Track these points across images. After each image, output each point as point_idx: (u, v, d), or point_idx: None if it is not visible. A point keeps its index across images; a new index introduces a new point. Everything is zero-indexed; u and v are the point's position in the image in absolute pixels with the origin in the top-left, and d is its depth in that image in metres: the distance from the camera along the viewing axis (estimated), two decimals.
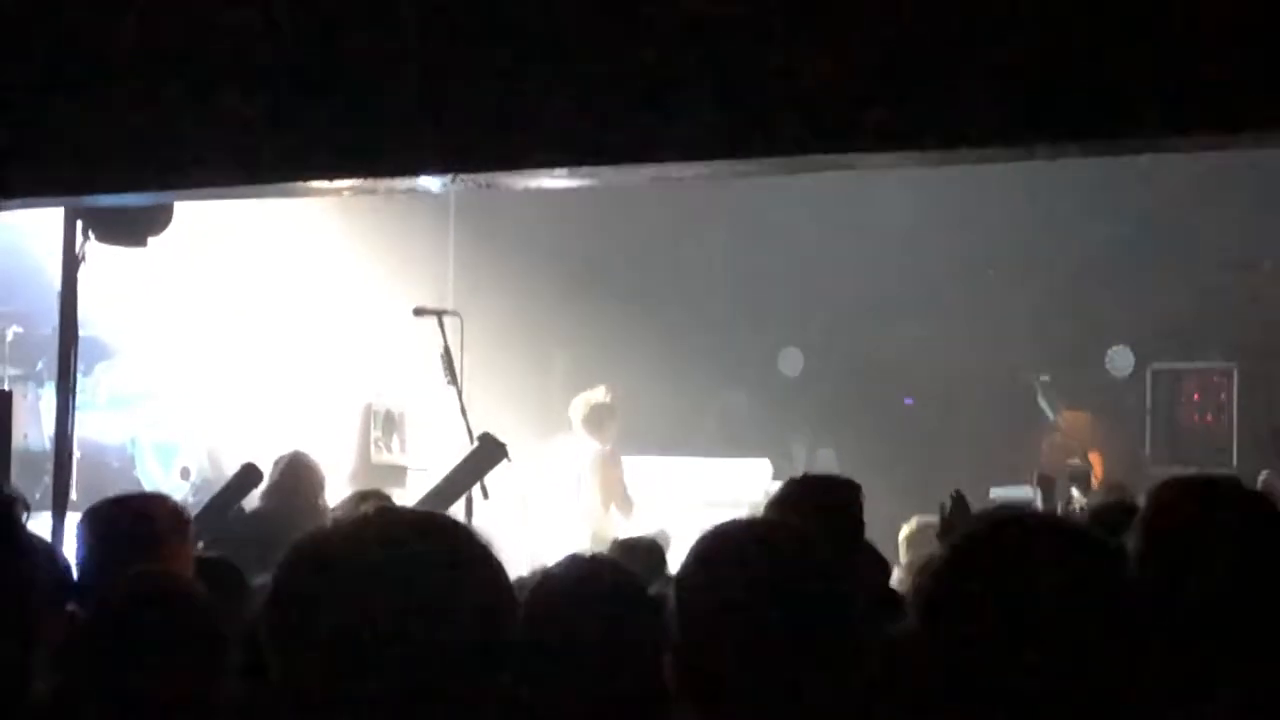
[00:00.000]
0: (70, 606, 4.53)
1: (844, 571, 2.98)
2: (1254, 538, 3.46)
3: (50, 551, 5.19)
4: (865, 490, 5.59)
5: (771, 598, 2.84)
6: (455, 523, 2.44)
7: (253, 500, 9.03)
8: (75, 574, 5.45)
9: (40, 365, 12.03)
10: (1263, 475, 10.10)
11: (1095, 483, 13.96)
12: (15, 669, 2.65)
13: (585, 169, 5.32)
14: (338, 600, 2.26)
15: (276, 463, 8.98)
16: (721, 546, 3.01)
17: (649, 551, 6.43)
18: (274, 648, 2.29)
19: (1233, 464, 14.86)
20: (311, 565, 2.32)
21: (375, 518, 2.38)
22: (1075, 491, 10.09)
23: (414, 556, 2.29)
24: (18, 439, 11.94)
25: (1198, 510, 3.57)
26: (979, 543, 2.62)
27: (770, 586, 2.86)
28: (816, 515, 4.90)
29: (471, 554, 2.34)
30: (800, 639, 2.81)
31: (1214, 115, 4.57)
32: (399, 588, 2.25)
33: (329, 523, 2.48)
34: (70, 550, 7.42)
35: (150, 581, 4.12)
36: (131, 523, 5.17)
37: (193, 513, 6.08)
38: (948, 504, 6.49)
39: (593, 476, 11.51)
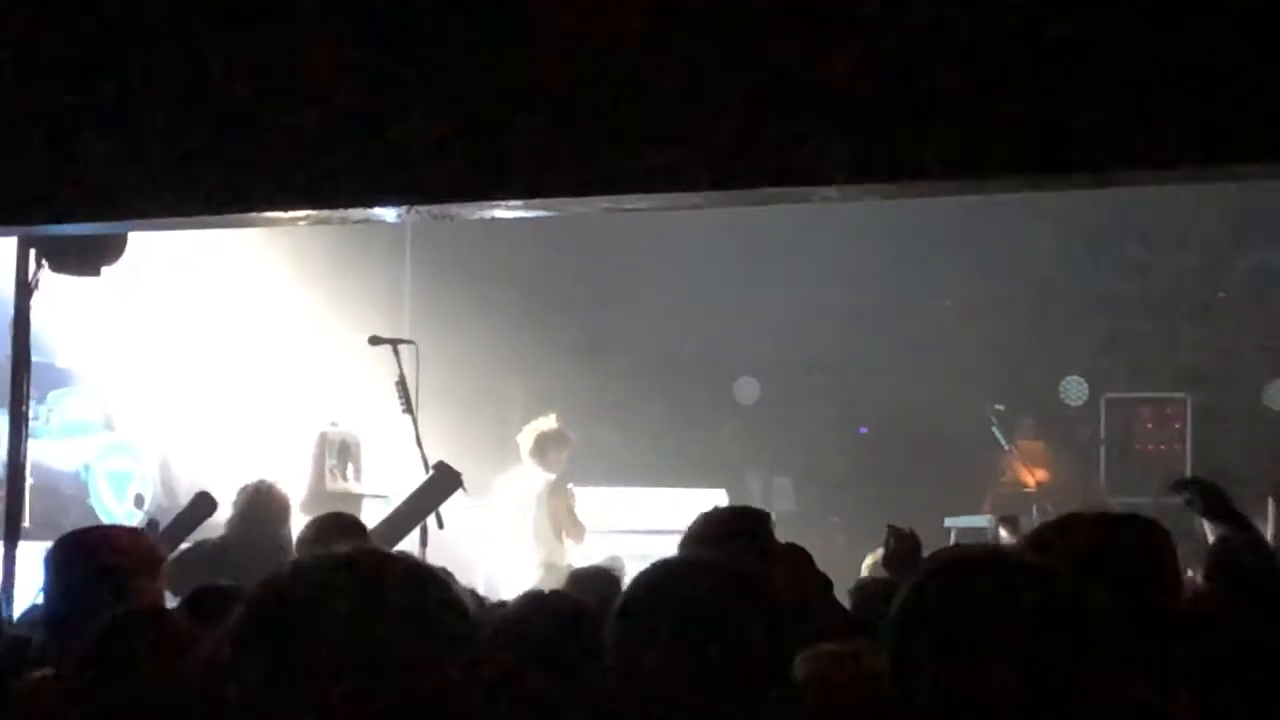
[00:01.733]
0: None
1: (773, 604, 3.00)
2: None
3: None
4: (821, 519, 5.68)
5: (703, 632, 2.88)
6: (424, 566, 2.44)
7: (215, 528, 9.01)
8: (44, 601, 5.44)
9: None
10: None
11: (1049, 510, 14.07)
12: None
13: (539, 200, 5.33)
14: (303, 644, 2.25)
15: (241, 490, 8.94)
16: (658, 581, 3.04)
17: (603, 580, 6.44)
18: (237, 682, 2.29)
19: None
20: (277, 609, 2.32)
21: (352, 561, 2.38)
22: (1004, 533, 10.18)
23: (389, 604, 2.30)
24: None
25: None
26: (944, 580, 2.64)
27: (703, 622, 2.89)
28: (728, 545, 4.94)
29: (443, 598, 2.35)
30: (726, 672, 2.84)
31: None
32: (372, 634, 2.26)
33: (291, 556, 2.49)
34: (22, 577, 7.44)
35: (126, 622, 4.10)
36: (102, 556, 5.16)
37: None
38: (891, 541, 6.58)
39: (542, 505, 11.50)
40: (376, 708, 2.23)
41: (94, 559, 5.12)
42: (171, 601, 5.32)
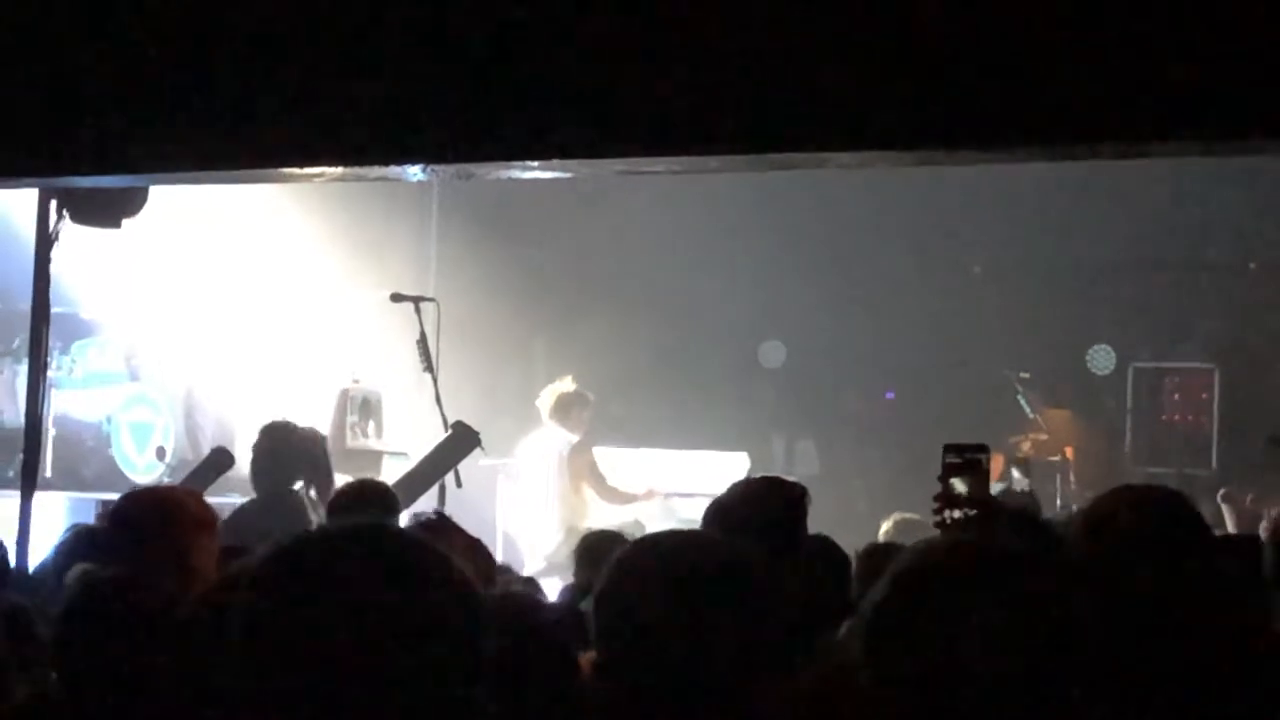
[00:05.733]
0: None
1: (761, 587, 2.96)
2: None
3: None
4: (844, 484, 5.58)
5: (681, 614, 2.84)
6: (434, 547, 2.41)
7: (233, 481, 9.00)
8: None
9: (18, 342, 11.97)
10: (1221, 491, 10.14)
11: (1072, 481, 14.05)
12: None
13: (555, 162, 5.31)
14: (313, 613, 2.23)
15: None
16: (634, 562, 3.01)
17: (613, 544, 6.40)
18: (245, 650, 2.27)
19: (1212, 465, 14.89)
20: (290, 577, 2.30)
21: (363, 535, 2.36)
22: (1016, 473, 10.15)
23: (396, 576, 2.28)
24: None
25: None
26: (921, 573, 2.60)
27: (680, 603, 2.86)
28: (751, 521, 4.87)
29: (447, 574, 2.32)
30: (709, 656, 2.81)
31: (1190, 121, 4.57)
32: (375, 605, 2.24)
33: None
34: (40, 527, 7.46)
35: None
36: (159, 518, 5.18)
37: None
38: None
39: (563, 467, 11.50)
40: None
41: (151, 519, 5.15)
42: None
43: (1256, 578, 4.03)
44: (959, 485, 5.35)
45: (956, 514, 5.22)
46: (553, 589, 7.25)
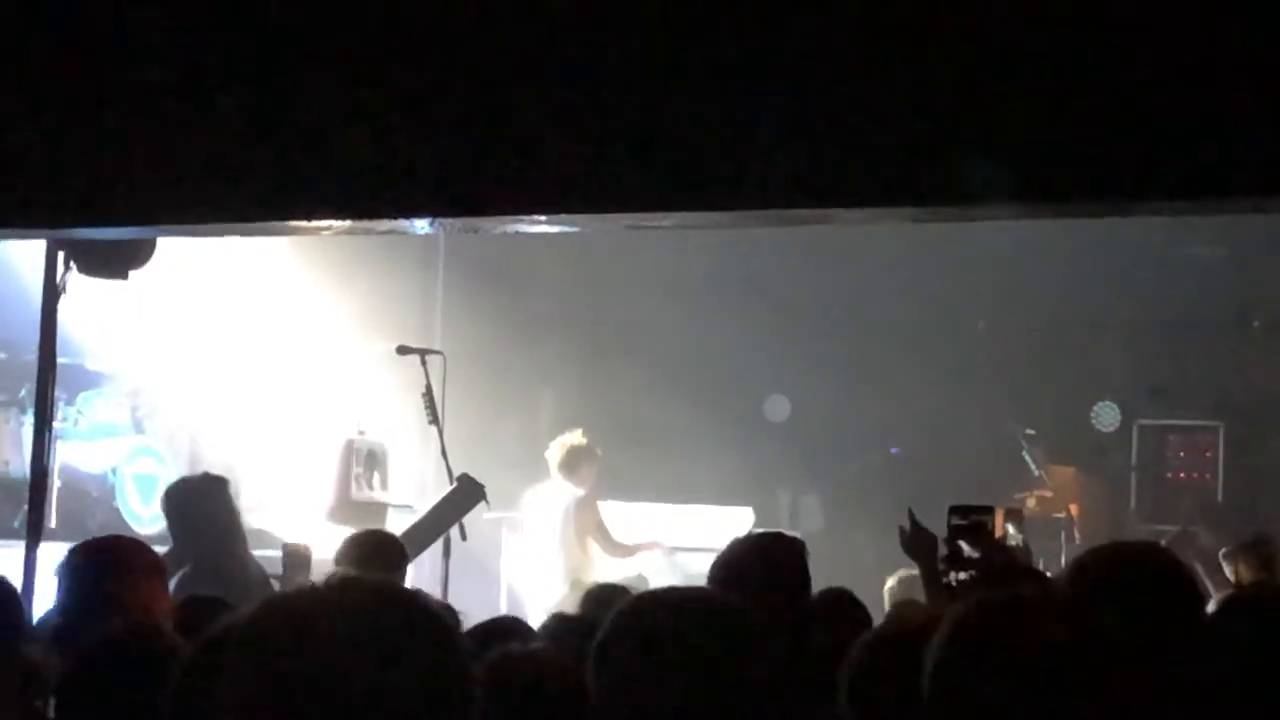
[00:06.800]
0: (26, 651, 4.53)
1: (761, 644, 2.96)
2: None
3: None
4: (848, 540, 5.57)
5: (678, 673, 2.85)
6: (413, 595, 2.40)
7: None
8: (55, 614, 5.46)
9: (24, 392, 11.99)
10: (1223, 551, 10.09)
11: (1076, 537, 14.00)
12: None
13: (564, 216, 5.33)
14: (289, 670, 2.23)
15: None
16: (631, 620, 3.01)
17: (620, 596, 6.39)
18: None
19: (1216, 523, 14.86)
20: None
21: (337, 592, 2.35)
22: (1010, 528, 10.11)
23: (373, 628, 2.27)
24: None
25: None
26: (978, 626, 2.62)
27: (676, 662, 2.86)
28: (755, 576, 4.87)
29: (428, 626, 2.31)
30: (707, 715, 2.81)
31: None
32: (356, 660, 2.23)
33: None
34: (45, 578, 7.46)
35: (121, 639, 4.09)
36: (106, 567, 5.19)
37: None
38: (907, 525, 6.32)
39: (569, 520, 11.49)
40: None
41: (99, 568, 5.16)
42: None
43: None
44: (966, 546, 5.35)
45: (963, 575, 5.23)
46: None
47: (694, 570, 10.63)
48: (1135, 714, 2.55)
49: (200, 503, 8.07)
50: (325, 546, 7.86)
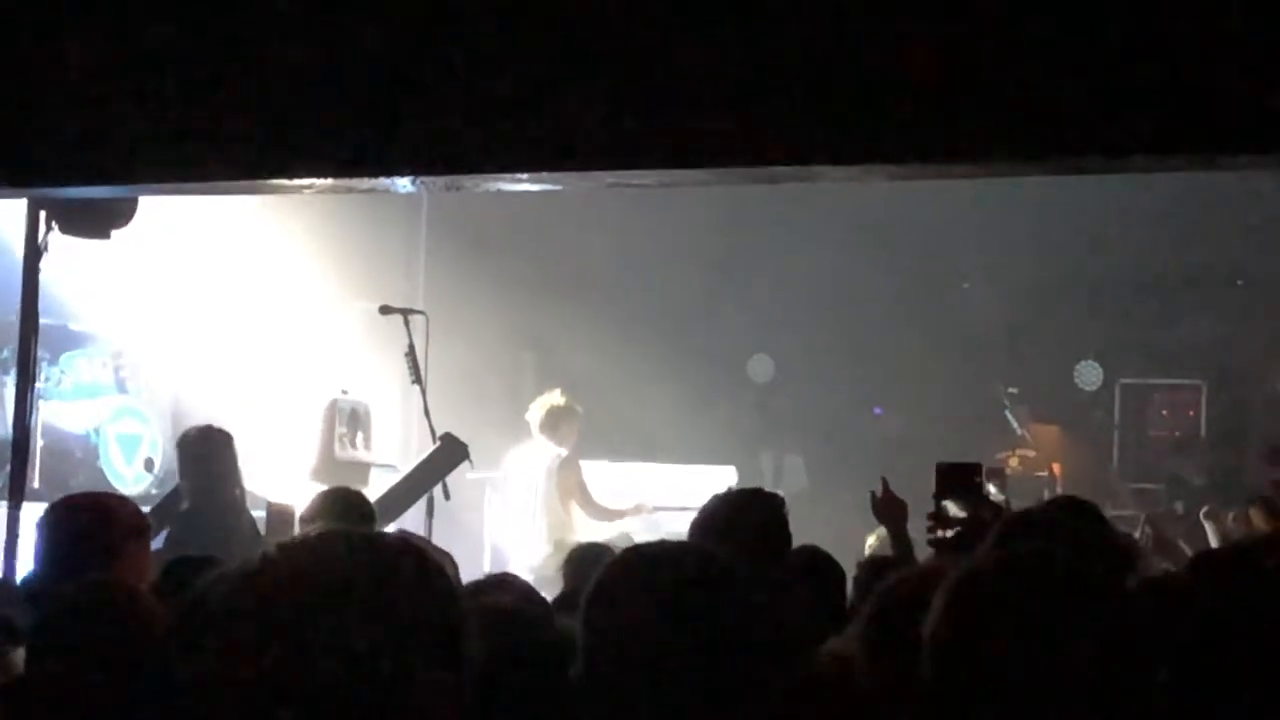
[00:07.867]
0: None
1: (748, 597, 2.96)
2: None
3: None
4: (831, 499, 5.57)
5: (669, 624, 2.85)
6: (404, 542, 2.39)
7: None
8: (34, 571, 5.46)
9: (6, 352, 11.95)
10: (1204, 509, 10.16)
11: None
12: None
13: (546, 174, 5.32)
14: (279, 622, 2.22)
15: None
16: (623, 572, 3.01)
17: (602, 557, 6.40)
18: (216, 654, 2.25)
19: (1198, 481, 14.91)
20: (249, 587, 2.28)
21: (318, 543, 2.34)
22: (992, 488, 10.14)
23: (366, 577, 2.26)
24: None
25: None
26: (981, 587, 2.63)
27: (668, 613, 2.86)
28: (736, 532, 4.88)
29: (425, 571, 2.31)
30: (695, 666, 2.81)
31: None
32: (349, 607, 2.22)
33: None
34: (28, 538, 7.46)
35: (91, 593, 4.10)
36: (88, 525, 5.17)
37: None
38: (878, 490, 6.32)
39: (551, 480, 11.49)
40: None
41: (77, 528, 5.14)
42: None
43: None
44: (952, 503, 5.37)
45: (949, 532, 5.25)
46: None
47: (676, 530, 10.63)
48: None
49: (220, 448, 8.48)
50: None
